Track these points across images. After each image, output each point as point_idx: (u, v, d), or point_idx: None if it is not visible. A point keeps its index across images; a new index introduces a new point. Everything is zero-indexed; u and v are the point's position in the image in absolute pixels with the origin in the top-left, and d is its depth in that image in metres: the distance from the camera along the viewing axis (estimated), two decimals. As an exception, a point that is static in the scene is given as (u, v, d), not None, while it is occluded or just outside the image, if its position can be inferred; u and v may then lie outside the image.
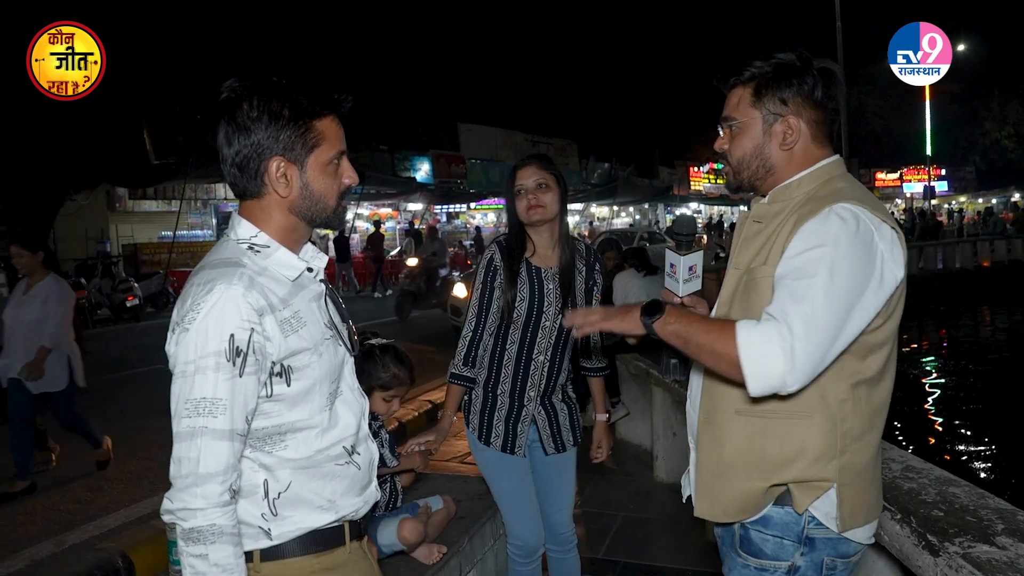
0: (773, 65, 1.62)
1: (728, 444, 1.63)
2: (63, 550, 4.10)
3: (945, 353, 13.76)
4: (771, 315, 1.43)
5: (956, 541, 1.93)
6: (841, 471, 1.55)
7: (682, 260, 1.75)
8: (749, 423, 1.59)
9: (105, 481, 5.30)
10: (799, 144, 1.63)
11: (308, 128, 1.47)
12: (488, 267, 2.64)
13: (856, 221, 1.48)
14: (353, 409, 1.60)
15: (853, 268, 1.44)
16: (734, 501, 1.62)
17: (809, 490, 1.57)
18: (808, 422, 1.54)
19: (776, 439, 1.57)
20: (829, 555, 1.60)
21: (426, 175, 26.17)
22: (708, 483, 1.67)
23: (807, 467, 1.55)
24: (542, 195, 2.64)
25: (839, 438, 1.55)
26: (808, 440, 1.55)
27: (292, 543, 1.49)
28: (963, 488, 2.33)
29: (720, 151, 1.72)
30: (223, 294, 1.37)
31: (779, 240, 1.57)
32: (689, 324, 1.50)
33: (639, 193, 35.27)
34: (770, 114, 1.63)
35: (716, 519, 1.68)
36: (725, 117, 1.69)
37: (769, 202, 1.68)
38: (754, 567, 1.63)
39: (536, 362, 2.67)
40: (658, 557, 3.89)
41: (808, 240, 1.48)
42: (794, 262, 1.48)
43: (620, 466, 5.47)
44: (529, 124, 33.52)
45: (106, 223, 20.01)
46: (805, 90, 1.61)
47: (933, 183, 35.03)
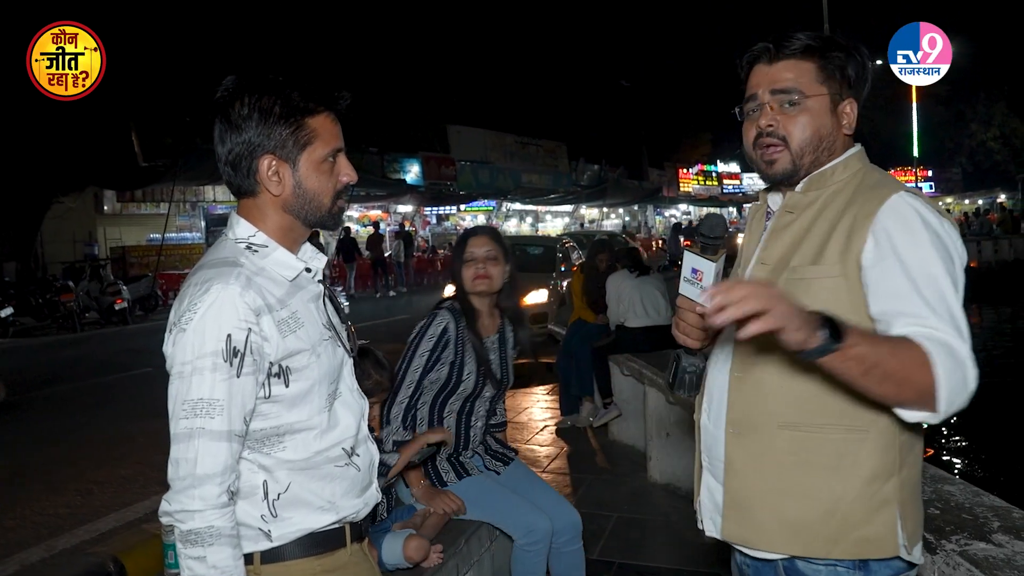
0: (839, 43, 1.49)
1: (769, 463, 1.44)
2: (53, 555, 4.06)
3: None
4: (928, 326, 1.28)
5: (953, 539, 1.94)
6: (902, 488, 1.40)
7: (712, 266, 1.45)
8: (795, 439, 1.41)
9: (96, 485, 5.26)
10: (848, 130, 1.50)
11: (300, 125, 1.45)
12: (441, 336, 2.65)
13: (929, 211, 1.38)
14: (352, 410, 1.59)
15: (949, 260, 1.35)
16: (785, 531, 1.42)
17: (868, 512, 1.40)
18: (863, 436, 1.39)
19: (828, 457, 1.40)
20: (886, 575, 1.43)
21: (416, 177, 26.16)
22: (745, 508, 1.47)
23: (864, 488, 1.39)
24: (491, 267, 2.70)
25: (898, 452, 1.40)
26: (864, 457, 1.39)
27: (292, 545, 1.48)
28: (958, 486, 2.35)
29: (768, 130, 1.48)
30: (220, 294, 1.36)
31: (837, 236, 1.40)
32: (876, 346, 1.24)
33: (628, 195, 35.38)
34: (837, 94, 1.48)
35: (762, 550, 1.46)
36: (783, 90, 1.46)
37: (803, 190, 1.49)
38: None
39: (475, 428, 2.82)
40: (653, 557, 3.89)
41: (905, 239, 1.34)
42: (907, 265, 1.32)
43: (613, 467, 5.47)
44: (519, 126, 33.54)
45: (94, 226, 19.86)
46: (866, 74, 1.50)
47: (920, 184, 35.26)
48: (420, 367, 2.64)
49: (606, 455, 5.73)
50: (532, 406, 7.28)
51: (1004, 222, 29.09)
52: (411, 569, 2.38)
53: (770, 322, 1.17)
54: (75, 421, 7.09)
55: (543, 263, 12.65)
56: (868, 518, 1.38)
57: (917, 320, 1.29)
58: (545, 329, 10.28)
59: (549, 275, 12.05)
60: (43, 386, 8.60)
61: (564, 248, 13.43)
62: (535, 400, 7.51)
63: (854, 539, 1.38)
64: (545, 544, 2.67)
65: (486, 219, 30.01)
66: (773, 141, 1.48)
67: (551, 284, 11.75)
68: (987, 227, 27.85)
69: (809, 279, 1.41)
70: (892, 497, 1.39)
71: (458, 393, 2.73)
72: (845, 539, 1.39)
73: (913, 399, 1.27)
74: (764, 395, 1.45)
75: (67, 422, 7.06)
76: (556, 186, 33.15)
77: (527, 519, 2.67)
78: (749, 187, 44.96)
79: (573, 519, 2.83)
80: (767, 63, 1.50)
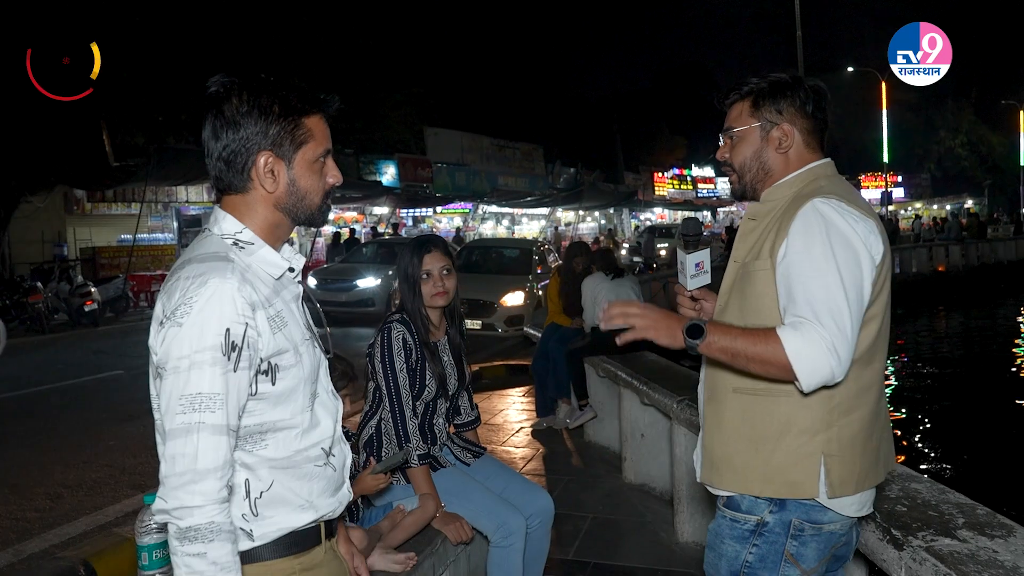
0: (769, 81, 1.83)
1: (726, 420, 1.79)
2: (21, 559, 4.00)
3: (903, 355, 14.07)
4: (803, 317, 1.59)
5: (919, 535, 1.99)
6: (829, 443, 1.69)
7: (688, 258, 1.95)
8: (742, 400, 1.75)
9: (65, 489, 5.18)
10: (793, 149, 1.82)
11: (297, 125, 1.48)
12: (404, 346, 2.73)
13: (836, 212, 1.65)
14: (329, 411, 1.60)
15: (848, 255, 1.62)
16: (732, 473, 1.77)
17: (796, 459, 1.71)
18: (794, 400, 1.68)
19: (767, 414, 1.72)
20: (798, 517, 1.72)
21: (392, 179, 26.06)
22: (712, 455, 1.83)
23: (793, 439, 1.70)
24: (448, 281, 2.83)
25: (828, 413, 1.68)
26: (794, 415, 1.70)
27: (273, 544, 1.48)
28: (924, 484, 2.40)
29: (722, 160, 1.90)
30: (218, 287, 1.35)
31: (770, 236, 1.74)
32: (734, 340, 1.63)
33: (604, 198, 35.51)
34: (767, 122, 1.82)
35: (716, 488, 1.84)
36: (727, 128, 1.88)
37: (762, 201, 1.85)
38: (728, 518, 1.79)
39: (437, 425, 2.92)
40: (628, 557, 3.92)
41: (802, 239, 1.65)
42: (800, 261, 1.64)
43: (589, 468, 5.49)
44: (495, 128, 33.56)
45: (63, 226, 19.51)
46: (798, 102, 1.82)
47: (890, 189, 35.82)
48: (407, 382, 2.73)
49: (581, 456, 5.76)
50: (508, 408, 7.30)
51: (970, 227, 29.65)
52: (387, 571, 2.39)
53: (631, 335, 1.69)
54: (44, 424, 6.97)
55: (519, 266, 12.70)
56: (794, 465, 1.70)
57: (795, 311, 1.61)
58: (521, 331, 10.31)
59: (525, 277, 12.09)
60: (11, 388, 8.45)
61: (540, 251, 13.47)
62: (511, 402, 7.52)
63: (781, 481, 1.71)
64: (520, 542, 2.70)
65: (462, 221, 29.98)
66: (727, 169, 1.92)
67: (527, 287, 11.79)
68: (956, 231, 28.33)
69: (752, 271, 1.76)
70: (818, 449, 1.69)
71: (422, 398, 2.80)
72: (774, 481, 1.71)
73: (780, 374, 1.60)
74: (721, 366, 1.78)
75: (35, 425, 6.94)
76: (532, 189, 33.21)
77: (499, 516, 2.71)
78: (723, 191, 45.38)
79: (544, 504, 2.90)
80: (727, 108, 1.89)
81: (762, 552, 1.74)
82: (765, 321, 1.70)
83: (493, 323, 11.26)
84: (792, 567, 1.74)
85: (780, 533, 1.73)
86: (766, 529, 1.74)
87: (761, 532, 1.74)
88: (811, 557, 1.74)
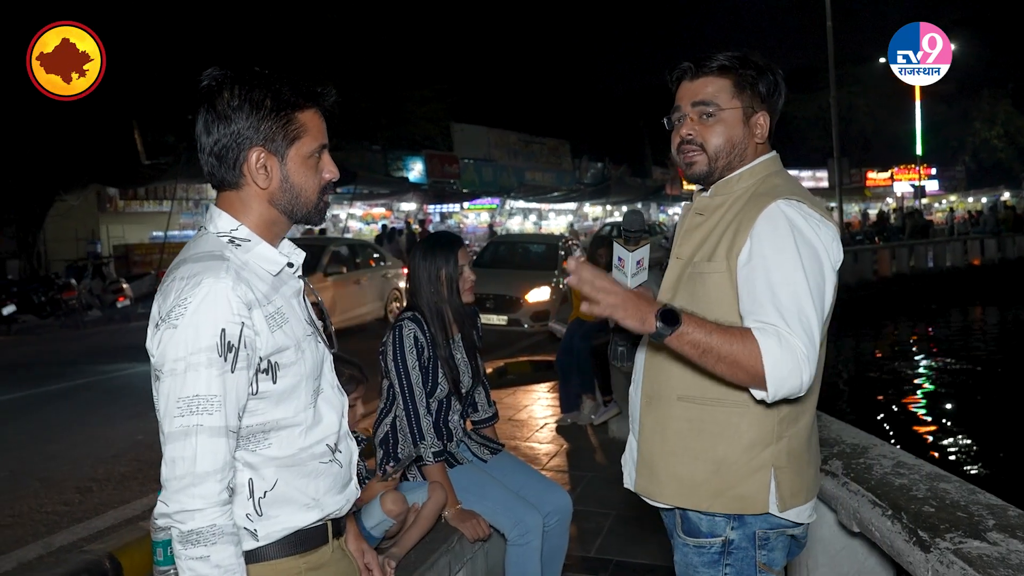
0: (752, 62, 1.69)
1: (670, 428, 1.69)
2: (50, 552, 4.06)
3: (936, 350, 13.81)
4: (771, 323, 1.50)
5: (947, 537, 1.92)
6: (778, 455, 1.63)
7: (630, 256, 1.83)
8: (689, 409, 1.66)
9: (95, 483, 5.26)
10: (761, 139, 1.71)
11: (290, 119, 1.45)
12: (416, 345, 2.72)
13: (801, 217, 1.58)
14: (334, 406, 1.58)
15: (815, 263, 1.56)
16: (678, 486, 1.68)
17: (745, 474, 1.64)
18: (744, 411, 1.62)
19: (716, 425, 1.64)
20: (761, 527, 1.67)
21: (419, 175, 26.15)
22: (650, 466, 1.73)
23: (744, 452, 1.62)
24: (473, 275, 2.86)
25: (776, 425, 1.62)
26: (744, 428, 1.62)
27: (278, 544, 1.46)
28: (954, 484, 2.32)
29: (687, 138, 1.70)
30: (211, 288, 1.34)
31: (727, 237, 1.63)
32: (709, 335, 1.49)
33: (632, 192, 35.32)
34: (750, 107, 1.69)
35: (659, 501, 1.75)
36: (701, 102, 1.68)
37: (711, 195, 1.73)
38: (693, 546, 1.70)
39: (452, 422, 2.89)
40: (651, 555, 3.88)
41: (771, 243, 1.56)
42: (768, 268, 1.54)
43: (612, 464, 5.45)
44: (522, 123, 33.50)
45: (97, 224, 19.92)
46: (778, 90, 1.72)
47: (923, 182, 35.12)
48: (419, 380, 2.72)
49: (605, 453, 5.72)
50: (533, 404, 7.27)
51: (1007, 220, 28.99)
52: (404, 568, 2.37)
53: (597, 309, 1.49)
54: (75, 418, 7.08)
55: (545, 261, 12.65)
56: (744, 479, 1.62)
57: (764, 317, 1.51)
58: (546, 327, 10.27)
59: (551, 273, 12.05)
60: (45, 383, 8.61)
61: (567, 246, 13.41)
62: (536, 398, 7.50)
63: (731, 496, 1.63)
64: (537, 540, 2.67)
65: (490, 217, 30.00)
66: (692, 148, 1.71)
67: (553, 282, 11.75)
68: (992, 224, 27.70)
69: (704, 273, 1.65)
70: (768, 462, 1.62)
71: (435, 396, 2.79)
72: (724, 495, 1.63)
73: (746, 380, 1.50)
74: (668, 371, 1.69)
75: (67, 419, 7.05)
76: (559, 184, 33.13)
77: (516, 513, 2.69)
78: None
79: (561, 502, 2.88)
80: (690, 80, 1.71)
81: (736, 570, 1.69)
82: None
83: (519, 319, 11.24)
84: (767, 574, 1.71)
85: (748, 547, 1.68)
86: (733, 547, 1.68)
87: (730, 551, 1.68)
88: (780, 559, 1.73)
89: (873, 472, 2.41)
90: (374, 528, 2.36)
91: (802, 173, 35.18)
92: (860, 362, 13.14)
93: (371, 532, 2.35)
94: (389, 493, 2.38)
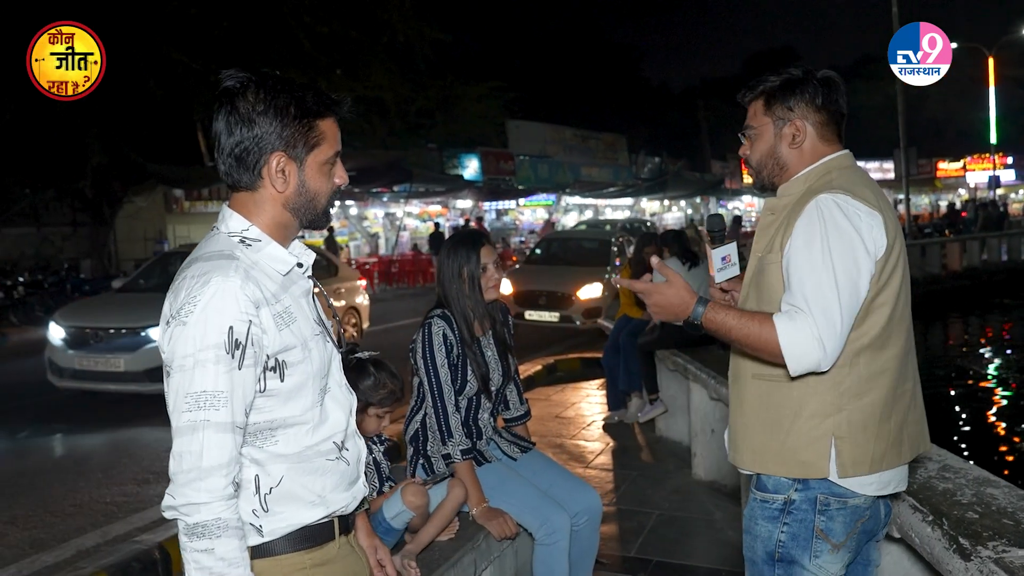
0: (780, 79, 1.90)
1: (746, 403, 1.89)
2: (107, 541, 4.21)
3: (1008, 349, 13.21)
4: (797, 307, 1.70)
5: (990, 545, 1.84)
6: (838, 426, 1.76)
7: (714, 252, 2.08)
8: (760, 386, 1.85)
9: (152, 475, 5.44)
10: (807, 143, 1.89)
11: (312, 127, 1.47)
12: (445, 343, 2.72)
13: (838, 207, 1.73)
14: (342, 405, 1.59)
15: (845, 251, 1.70)
16: (752, 454, 1.87)
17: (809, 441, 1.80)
18: (805, 384, 1.77)
19: (781, 398, 1.81)
20: (823, 493, 1.79)
21: (474, 172, 26.23)
22: (735, 436, 1.94)
23: (805, 422, 1.78)
24: (500, 273, 2.86)
25: (837, 397, 1.76)
26: (805, 399, 1.78)
27: (283, 539, 1.48)
28: (1002, 489, 2.22)
29: (744, 157, 2.00)
30: (220, 286, 1.36)
31: (782, 230, 1.83)
32: (727, 317, 1.78)
33: (690, 187, 34.79)
34: (779, 119, 1.90)
35: (741, 467, 1.94)
36: (744, 127, 1.97)
37: (779, 196, 1.92)
38: (759, 499, 1.86)
39: (482, 420, 2.88)
40: (692, 556, 3.81)
41: (804, 235, 1.74)
42: (800, 256, 1.74)
43: (658, 463, 5.38)
44: (577, 119, 33.31)
45: (164, 224, 20.62)
46: (807, 97, 1.87)
47: (999, 172, 33.68)
48: (448, 377, 2.72)
49: (652, 451, 5.65)
50: (581, 401, 7.23)
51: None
52: (426, 564, 2.37)
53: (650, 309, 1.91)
54: (140, 411, 7.31)
55: (597, 257, 12.55)
56: (807, 446, 1.78)
57: (790, 300, 1.73)
58: (596, 323, 10.20)
59: (603, 269, 11.95)
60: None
61: (619, 243, 13.28)
62: (584, 395, 7.45)
63: (795, 462, 1.79)
64: (564, 541, 2.64)
65: (547, 213, 29.94)
66: (747, 165, 2.02)
67: (605, 278, 11.65)
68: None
69: (767, 264, 1.85)
70: (828, 432, 1.77)
71: (464, 393, 2.78)
72: (789, 461, 1.80)
73: (770, 357, 1.73)
74: (743, 354, 1.90)
75: (132, 412, 7.29)
76: (616, 179, 32.82)
77: (543, 513, 2.67)
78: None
79: (591, 502, 2.85)
80: (746, 106, 1.98)
81: (793, 530, 1.80)
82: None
83: (571, 315, 11.17)
84: (823, 542, 1.79)
85: (808, 510, 1.79)
86: (794, 507, 1.80)
87: (789, 510, 1.81)
88: (839, 531, 1.79)
89: (917, 475, 2.32)
90: (394, 519, 2.37)
91: (868, 164, 34.07)
92: (924, 358, 12.66)
93: (391, 523, 2.36)
94: (411, 485, 2.39)
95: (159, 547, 3.84)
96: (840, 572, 1.82)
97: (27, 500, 5.01)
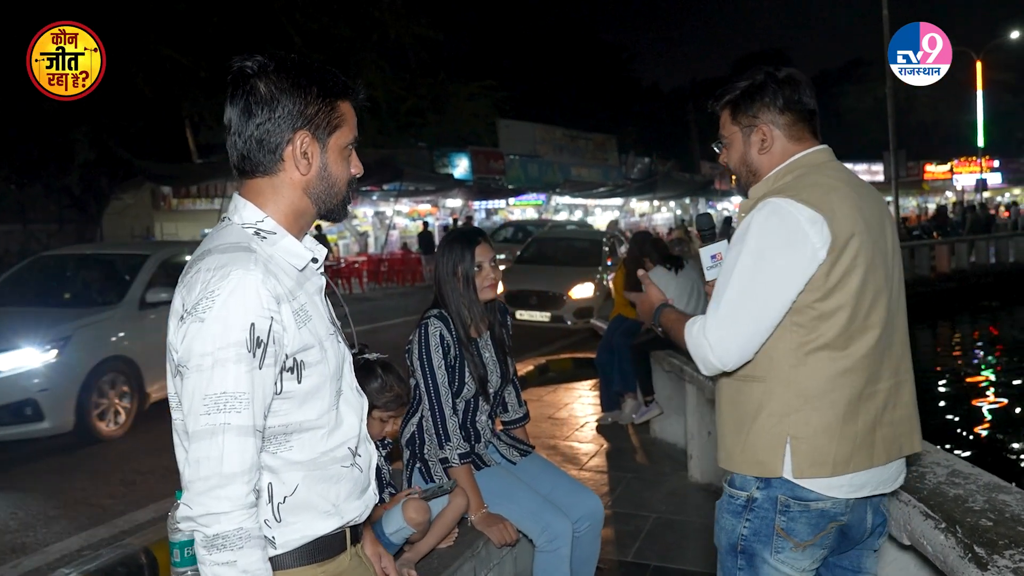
0: (742, 87, 1.91)
1: (721, 402, 1.93)
2: (91, 545, 4.12)
3: (997, 351, 13.26)
4: (710, 308, 1.80)
5: (1007, 554, 1.79)
6: (795, 426, 1.76)
7: (703, 251, 2.11)
8: (731, 385, 1.88)
9: (139, 476, 5.35)
10: (776, 145, 1.90)
11: (334, 107, 1.42)
12: (442, 344, 2.64)
13: (773, 212, 1.74)
14: (355, 409, 1.51)
15: (766, 254, 1.72)
16: (724, 452, 1.90)
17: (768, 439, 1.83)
18: (763, 384, 1.79)
19: (745, 397, 1.83)
20: (783, 494, 1.78)
21: (465, 171, 26.16)
22: (716, 434, 1.98)
23: (764, 421, 1.79)
24: (496, 272, 2.76)
25: (794, 397, 1.76)
26: (765, 398, 1.79)
27: (296, 552, 1.40)
28: (1015, 495, 2.17)
29: (723, 165, 2.05)
30: (241, 280, 1.28)
31: None
32: (667, 322, 1.96)
33: (679, 188, 34.81)
34: (746, 127, 1.92)
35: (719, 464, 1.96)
36: (718, 137, 2.03)
37: (750, 198, 1.94)
38: (727, 494, 1.90)
39: (480, 423, 2.82)
40: (690, 560, 3.77)
41: (736, 238, 1.81)
42: (728, 259, 1.82)
43: (653, 465, 5.33)
44: (567, 119, 33.27)
45: (151, 221, 20.42)
46: (767, 101, 1.88)
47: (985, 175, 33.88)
48: (445, 379, 2.65)
49: (647, 453, 5.60)
50: (574, 402, 7.18)
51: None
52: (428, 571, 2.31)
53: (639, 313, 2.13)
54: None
55: (589, 257, 12.51)
56: (763, 446, 1.79)
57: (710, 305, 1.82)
58: (589, 323, 10.15)
59: (595, 269, 11.92)
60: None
61: (610, 242, 13.25)
62: (577, 395, 7.40)
63: (753, 461, 1.81)
64: (566, 547, 2.58)
65: (536, 213, 29.89)
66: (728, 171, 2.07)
67: (597, 278, 11.61)
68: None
69: None
70: (785, 432, 1.76)
71: (462, 396, 2.71)
72: (749, 460, 1.82)
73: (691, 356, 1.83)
74: None
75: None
76: (605, 179, 32.80)
77: (544, 519, 2.60)
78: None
79: (592, 507, 2.79)
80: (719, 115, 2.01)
81: (755, 527, 1.82)
82: None
83: (562, 315, 11.13)
84: (785, 541, 1.80)
85: (768, 509, 1.80)
86: (756, 505, 1.82)
87: (752, 507, 1.83)
88: (803, 532, 1.79)
89: (926, 481, 2.27)
90: (393, 535, 2.30)
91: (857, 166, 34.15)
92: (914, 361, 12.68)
93: (390, 539, 2.29)
94: (412, 501, 2.31)
95: (145, 550, 3.75)
96: (810, 567, 1.82)
97: (6, 502, 4.90)
